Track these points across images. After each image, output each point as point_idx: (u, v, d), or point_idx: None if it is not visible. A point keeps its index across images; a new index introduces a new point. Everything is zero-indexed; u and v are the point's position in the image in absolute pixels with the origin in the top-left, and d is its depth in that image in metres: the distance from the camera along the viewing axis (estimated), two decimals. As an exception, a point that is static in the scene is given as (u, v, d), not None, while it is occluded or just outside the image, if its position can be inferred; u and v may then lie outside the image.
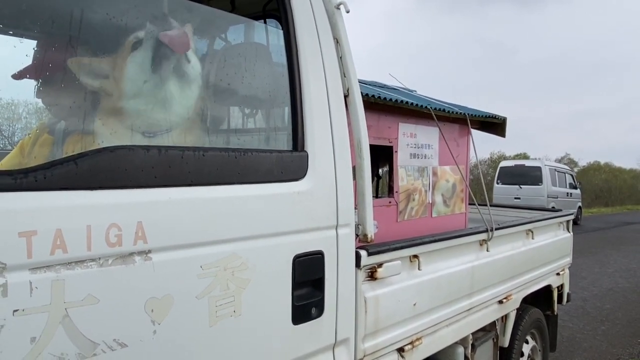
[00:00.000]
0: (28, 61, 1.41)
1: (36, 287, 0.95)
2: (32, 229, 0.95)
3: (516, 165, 17.16)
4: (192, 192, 1.23)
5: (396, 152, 2.69)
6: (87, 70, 1.27)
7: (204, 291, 1.22)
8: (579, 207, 17.63)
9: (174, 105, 1.37)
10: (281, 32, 1.59)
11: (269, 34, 1.80)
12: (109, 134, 1.27)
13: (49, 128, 1.46)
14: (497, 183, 16.72)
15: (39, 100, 1.50)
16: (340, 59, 1.71)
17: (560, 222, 3.79)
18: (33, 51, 1.44)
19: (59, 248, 0.98)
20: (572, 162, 36.65)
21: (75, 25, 1.26)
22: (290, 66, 1.56)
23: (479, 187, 3.35)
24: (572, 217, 4.01)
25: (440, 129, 2.91)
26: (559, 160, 32.49)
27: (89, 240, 1.02)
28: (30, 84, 1.41)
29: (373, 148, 1.87)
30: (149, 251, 1.12)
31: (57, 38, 1.33)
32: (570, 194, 17.18)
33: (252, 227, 1.35)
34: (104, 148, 1.10)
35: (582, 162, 39.35)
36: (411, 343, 2.05)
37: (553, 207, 6.85)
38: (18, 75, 1.39)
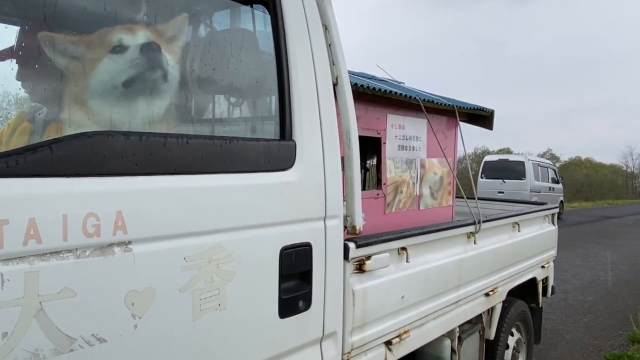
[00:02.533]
0: (7, 43, 1.34)
1: (8, 280, 0.90)
2: (4, 217, 0.90)
3: (500, 160, 17.31)
4: (175, 181, 1.18)
5: (384, 143, 2.66)
6: (59, 47, 1.20)
7: (188, 284, 1.18)
8: (561, 202, 17.87)
9: (156, 95, 1.31)
10: (269, 17, 1.54)
11: (255, 20, 1.75)
12: (91, 122, 1.21)
13: (28, 116, 1.40)
14: (482, 177, 16.85)
15: (18, 91, 1.44)
16: (329, 46, 1.67)
17: (546, 215, 3.81)
18: (16, 34, 1.37)
19: (33, 238, 0.93)
20: (554, 157, 37.28)
21: (57, 7, 1.20)
22: (278, 53, 1.52)
23: (467, 179, 3.34)
24: (557, 210, 4.04)
25: (428, 121, 2.89)
26: (542, 155, 32.94)
27: (65, 230, 0.97)
28: (9, 71, 1.34)
29: (361, 139, 1.83)
30: (129, 242, 1.07)
31: (40, 21, 1.26)
32: (553, 188, 17.39)
33: (238, 217, 1.31)
34: (81, 133, 1.05)
35: (564, 157, 40.08)
36: (399, 336, 2.03)
37: (536, 201, 6.92)
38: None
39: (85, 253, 1.00)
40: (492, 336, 3.02)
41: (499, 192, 15.19)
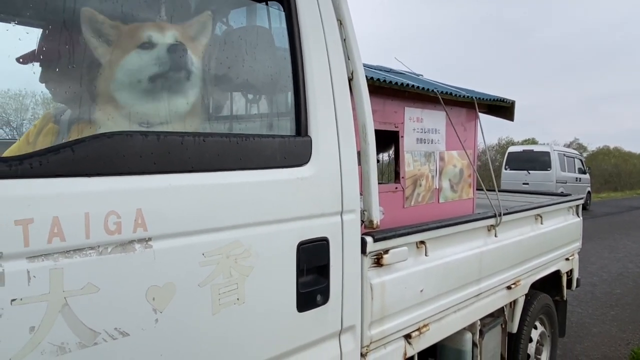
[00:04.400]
0: (32, 45, 1.38)
1: (34, 276, 0.93)
2: (29, 216, 0.93)
3: (524, 151, 16.97)
4: (192, 179, 1.20)
5: (402, 137, 2.65)
6: (95, 27, 1.23)
7: (207, 279, 1.21)
8: (588, 192, 17.46)
9: (175, 95, 1.34)
10: (283, 14, 1.55)
11: (270, 17, 1.76)
12: (113, 123, 1.24)
13: (54, 117, 1.44)
14: (505, 169, 16.57)
15: (46, 92, 1.48)
16: (344, 41, 1.67)
17: (570, 207, 3.74)
18: (41, 34, 1.41)
19: (57, 236, 0.96)
20: (581, 147, 36.32)
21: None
22: (293, 49, 1.52)
23: (487, 172, 3.30)
24: (582, 201, 3.95)
25: (447, 113, 2.86)
26: (568, 145, 32.20)
27: (87, 228, 1.00)
28: (36, 74, 1.38)
29: (378, 133, 1.83)
30: (149, 239, 1.10)
31: (65, 23, 1.29)
32: (580, 179, 17.00)
33: (255, 213, 1.33)
34: (101, 134, 1.08)
35: (592, 147, 39.01)
36: (418, 329, 2.03)
37: (562, 192, 6.76)
38: (23, 60, 1.36)
39: (107, 250, 1.03)
40: (514, 329, 2.99)
41: (524, 184, 14.94)
